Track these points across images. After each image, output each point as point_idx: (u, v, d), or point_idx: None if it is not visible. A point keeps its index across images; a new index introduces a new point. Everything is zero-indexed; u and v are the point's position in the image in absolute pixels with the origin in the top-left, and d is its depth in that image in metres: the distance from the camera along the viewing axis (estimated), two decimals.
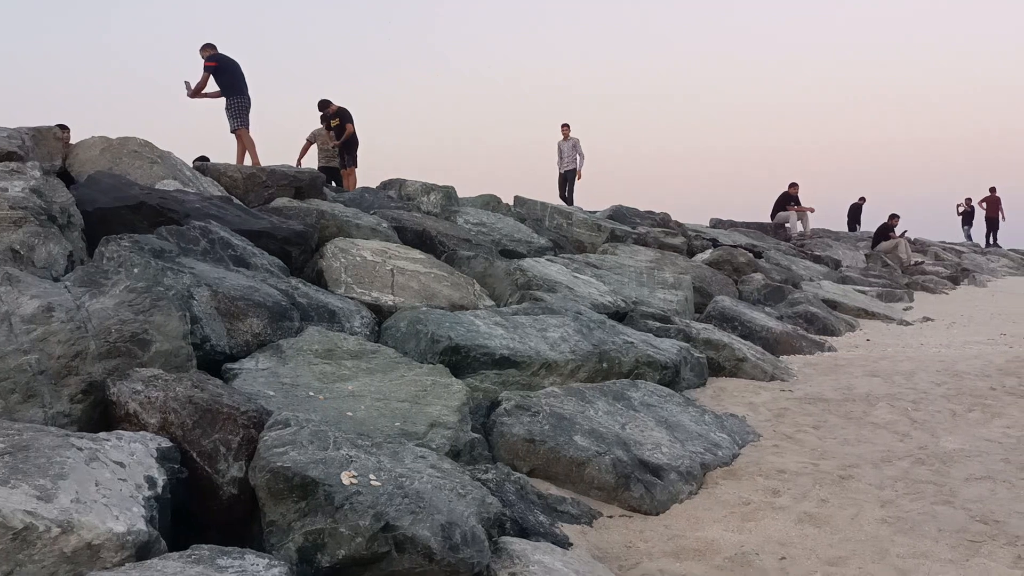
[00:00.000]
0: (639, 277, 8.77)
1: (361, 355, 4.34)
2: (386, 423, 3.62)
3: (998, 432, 4.73)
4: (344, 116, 13.41)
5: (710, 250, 12.31)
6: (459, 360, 4.75)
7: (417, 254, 6.71)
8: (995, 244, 26.27)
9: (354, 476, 2.73)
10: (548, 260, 8.24)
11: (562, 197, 16.59)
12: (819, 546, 3.24)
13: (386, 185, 11.32)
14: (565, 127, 16.93)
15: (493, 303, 6.46)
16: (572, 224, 11.56)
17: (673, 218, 15.17)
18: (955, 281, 16.69)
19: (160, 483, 2.67)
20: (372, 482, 2.74)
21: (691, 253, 12.42)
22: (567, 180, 16.96)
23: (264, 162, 10.59)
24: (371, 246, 6.41)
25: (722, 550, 3.21)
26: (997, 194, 25.89)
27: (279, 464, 2.70)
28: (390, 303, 5.64)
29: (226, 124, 11.33)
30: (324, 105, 13.53)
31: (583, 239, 11.27)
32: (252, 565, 2.36)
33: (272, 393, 3.68)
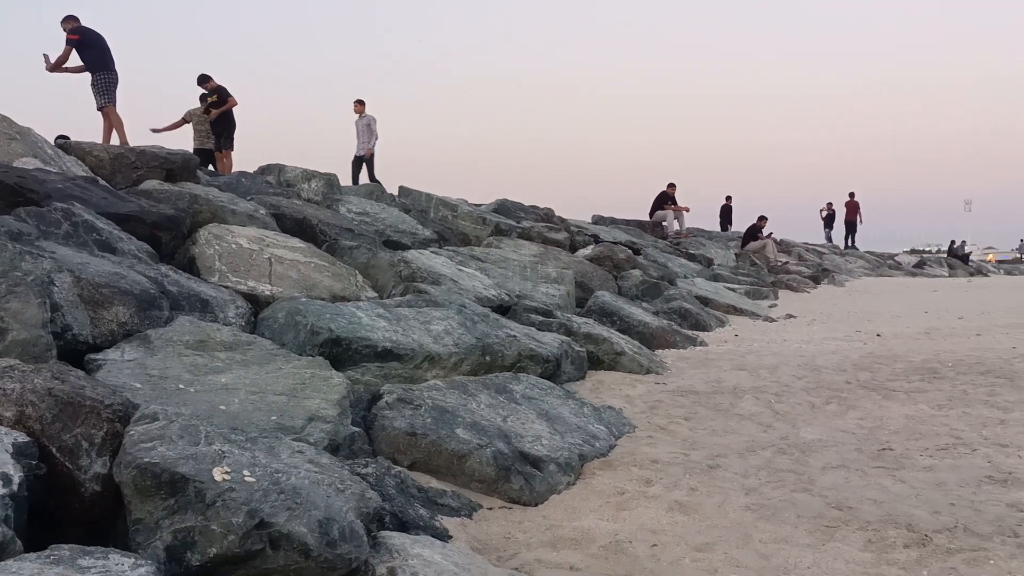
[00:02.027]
0: (523, 271, 8.86)
1: (236, 347, 4.20)
2: (262, 417, 3.52)
3: (852, 423, 5.05)
4: (222, 93, 12.92)
5: (592, 246, 12.58)
6: (340, 352, 4.67)
7: (296, 243, 6.54)
8: (853, 246, 28.06)
9: (227, 472, 2.64)
10: (433, 252, 8.21)
11: (355, 183, 14.43)
12: (688, 533, 3.38)
13: (264, 170, 10.99)
14: (358, 103, 14.94)
15: (376, 295, 6.38)
16: (457, 216, 11.57)
17: (556, 213, 15.42)
18: (816, 280, 17.72)
19: (16, 480, 2.50)
20: (246, 478, 2.65)
21: (573, 248, 12.65)
22: (362, 164, 15.07)
23: (136, 143, 10.10)
24: (247, 233, 6.20)
25: (597, 539, 3.30)
26: (856, 199, 27.68)
27: (146, 460, 2.58)
28: (267, 293, 5.48)
29: (93, 102, 10.77)
30: (203, 80, 12.96)
31: (468, 232, 11.30)
32: (116, 565, 2.25)
33: (139, 385, 3.51)
